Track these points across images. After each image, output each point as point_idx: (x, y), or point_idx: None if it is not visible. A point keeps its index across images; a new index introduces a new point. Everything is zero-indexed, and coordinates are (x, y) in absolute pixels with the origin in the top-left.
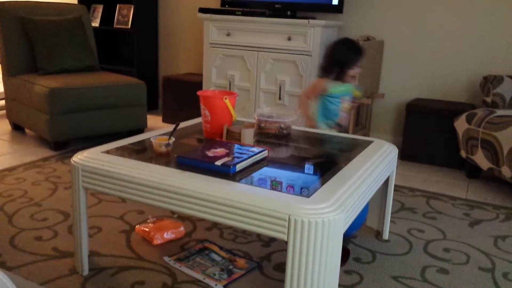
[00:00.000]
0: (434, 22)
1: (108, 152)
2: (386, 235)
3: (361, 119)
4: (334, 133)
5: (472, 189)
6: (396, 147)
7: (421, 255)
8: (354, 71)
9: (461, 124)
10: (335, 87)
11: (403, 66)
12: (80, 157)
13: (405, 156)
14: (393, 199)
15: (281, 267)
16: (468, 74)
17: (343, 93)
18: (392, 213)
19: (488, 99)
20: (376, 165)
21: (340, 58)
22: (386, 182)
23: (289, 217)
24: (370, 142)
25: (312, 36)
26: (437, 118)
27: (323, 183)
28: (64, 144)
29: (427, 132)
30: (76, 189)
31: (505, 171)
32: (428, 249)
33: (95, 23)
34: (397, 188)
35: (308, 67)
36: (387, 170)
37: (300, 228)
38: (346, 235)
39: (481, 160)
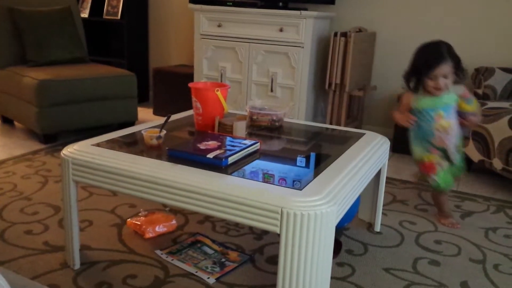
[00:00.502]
0: (425, 13)
1: (98, 145)
2: (378, 227)
3: (353, 111)
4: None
5: (463, 181)
6: (388, 139)
7: (413, 247)
8: (434, 81)
9: None
10: (420, 101)
11: (395, 58)
12: (70, 150)
13: (397, 148)
14: (384, 191)
15: (273, 260)
16: None
17: (433, 108)
18: (384, 205)
19: (480, 91)
20: (368, 157)
21: (415, 64)
22: (378, 174)
23: (281, 209)
24: (362, 134)
25: (304, 27)
26: None
27: (315, 176)
28: (54, 137)
29: None
30: (66, 182)
31: (496, 163)
32: (419, 241)
33: (84, 14)
34: (388, 180)
35: (300, 59)
36: (379, 162)
37: (292, 221)
38: (338, 227)
39: (472, 152)
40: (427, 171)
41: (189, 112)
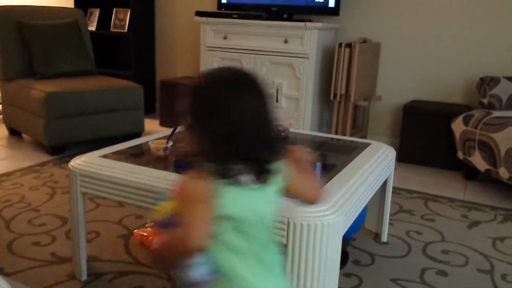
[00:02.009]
0: (430, 24)
1: (105, 156)
2: (384, 238)
3: (358, 121)
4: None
5: (470, 190)
6: (393, 149)
7: (420, 257)
8: None
9: (458, 126)
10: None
11: (400, 68)
12: (78, 162)
13: (402, 158)
14: (391, 201)
15: None
16: (465, 76)
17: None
18: (390, 215)
19: (485, 101)
20: (374, 167)
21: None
22: (384, 184)
23: (288, 220)
24: (368, 144)
25: (309, 38)
26: (434, 120)
27: (321, 186)
28: (61, 149)
29: (424, 134)
30: (74, 194)
31: (503, 172)
32: (426, 251)
33: (92, 27)
34: (395, 190)
35: (305, 69)
36: (385, 172)
37: (299, 231)
38: (345, 238)
39: (479, 161)
40: None
41: None
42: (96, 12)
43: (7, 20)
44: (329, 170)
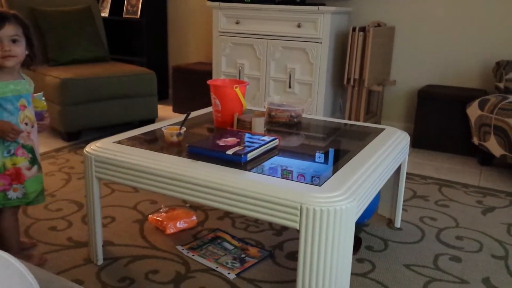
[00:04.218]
0: (445, 7)
1: (120, 142)
2: (398, 223)
3: (372, 106)
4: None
5: (485, 176)
6: (408, 135)
7: (434, 243)
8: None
9: (473, 111)
10: (1, 86)
11: (414, 52)
12: (93, 148)
13: (416, 143)
14: (405, 187)
15: (293, 256)
16: (480, 60)
17: (18, 95)
18: (404, 201)
19: (501, 85)
20: (388, 152)
21: None
22: (398, 170)
23: (301, 205)
24: (382, 129)
25: (322, 23)
26: (449, 105)
27: (334, 172)
28: (76, 135)
29: (439, 119)
30: (89, 179)
31: None
32: (440, 237)
33: (104, 13)
34: (408, 175)
35: (318, 54)
36: (399, 158)
37: (312, 217)
38: (358, 223)
39: (494, 146)
40: (9, 183)
41: (208, 109)
42: None
43: (21, 7)
44: (342, 155)
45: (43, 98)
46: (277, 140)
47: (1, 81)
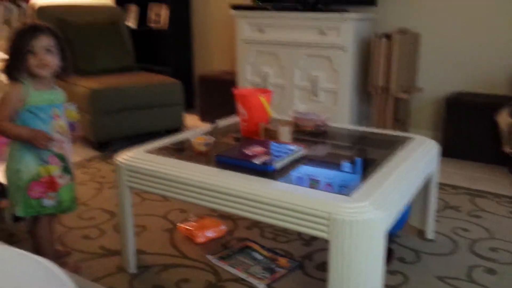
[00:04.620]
0: (472, 12)
1: (150, 152)
2: (430, 235)
3: (399, 114)
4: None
5: None
6: (436, 143)
7: (467, 254)
8: (36, 57)
9: (503, 118)
10: (35, 94)
11: (441, 59)
12: (124, 157)
13: (445, 152)
14: (436, 198)
15: (323, 266)
16: (509, 65)
17: (51, 104)
18: (435, 211)
19: None
20: (417, 162)
21: (12, 46)
22: (429, 180)
23: (329, 215)
24: (410, 138)
25: (345, 29)
26: (478, 112)
27: (363, 181)
28: (107, 144)
29: (468, 127)
30: (121, 188)
31: None
32: (474, 249)
33: (130, 23)
34: (439, 185)
35: (342, 61)
36: (429, 167)
37: (341, 227)
38: (390, 235)
39: None
40: (45, 190)
41: (235, 118)
42: (134, 8)
43: (48, 18)
44: (369, 165)
45: (76, 109)
46: (303, 149)
47: (35, 90)
